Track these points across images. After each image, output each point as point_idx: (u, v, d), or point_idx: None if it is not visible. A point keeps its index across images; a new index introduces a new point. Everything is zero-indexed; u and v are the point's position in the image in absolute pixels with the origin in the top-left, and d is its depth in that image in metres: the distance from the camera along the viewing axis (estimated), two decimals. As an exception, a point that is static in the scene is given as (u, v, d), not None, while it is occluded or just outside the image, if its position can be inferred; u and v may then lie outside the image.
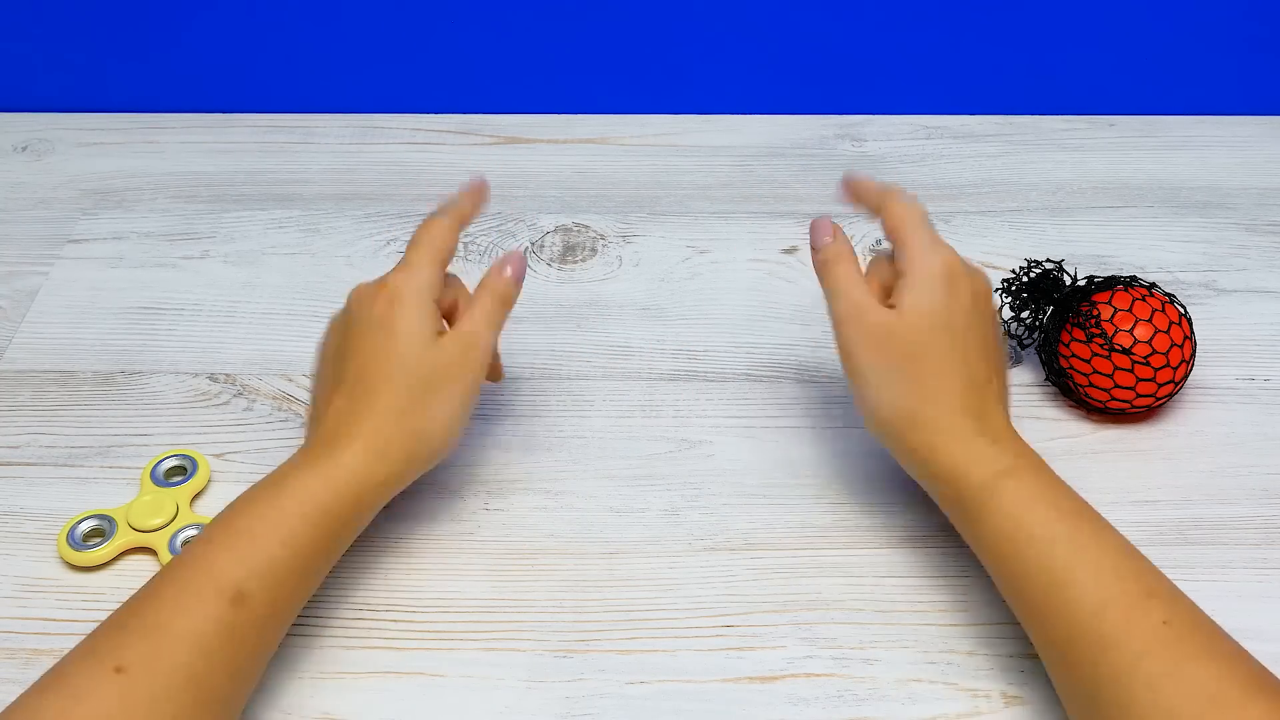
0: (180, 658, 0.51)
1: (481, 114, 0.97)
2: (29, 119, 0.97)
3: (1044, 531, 0.55)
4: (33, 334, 0.78)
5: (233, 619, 0.53)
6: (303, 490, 0.57)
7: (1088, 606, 0.53)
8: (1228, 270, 0.82)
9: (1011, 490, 0.57)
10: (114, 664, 0.50)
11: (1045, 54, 0.94)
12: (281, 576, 0.55)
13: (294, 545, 0.56)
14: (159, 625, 0.52)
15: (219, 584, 0.53)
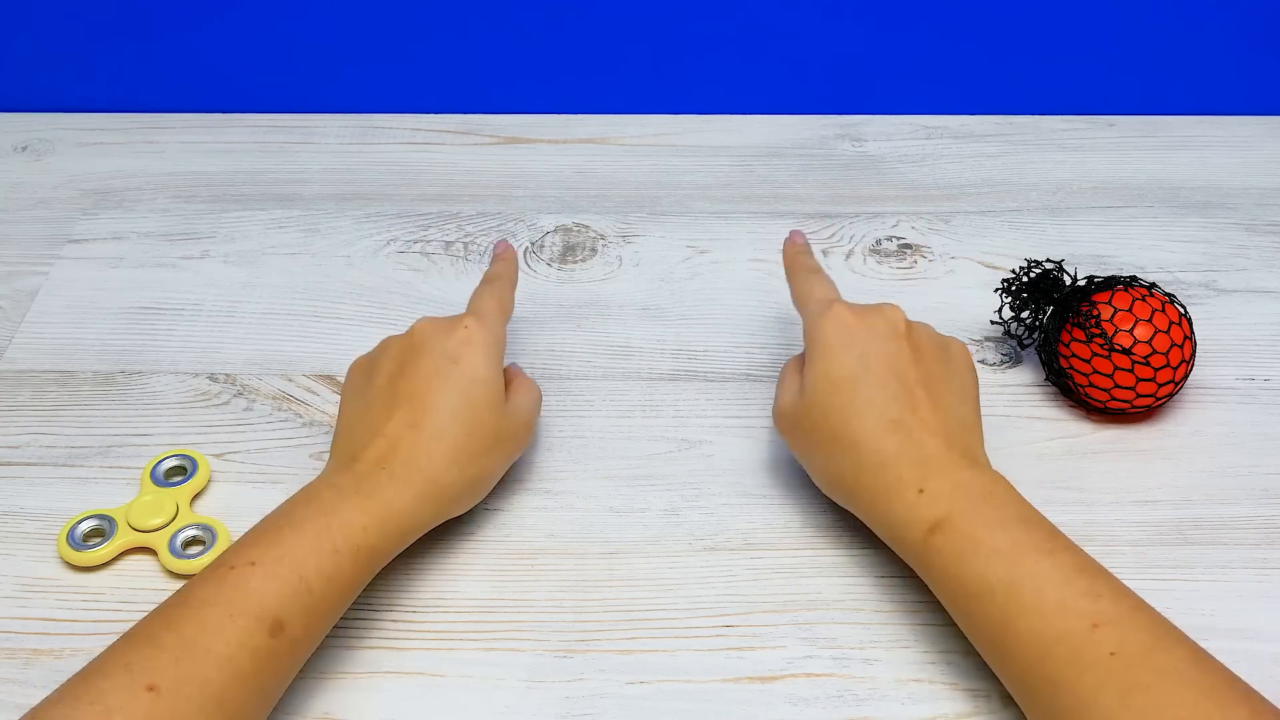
0: (213, 680, 0.51)
1: (481, 114, 0.97)
2: (29, 119, 0.97)
3: (978, 586, 0.55)
4: (33, 334, 0.78)
5: (269, 647, 0.53)
6: (354, 529, 0.57)
7: (1034, 651, 0.52)
8: (1228, 270, 0.82)
9: (940, 548, 0.56)
10: (147, 682, 0.49)
11: (1045, 54, 0.94)
12: (319, 609, 0.55)
13: (336, 580, 0.56)
14: (195, 646, 0.51)
15: (259, 612, 0.53)
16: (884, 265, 0.83)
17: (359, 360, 0.67)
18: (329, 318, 0.80)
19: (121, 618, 0.62)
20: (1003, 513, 0.57)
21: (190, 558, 0.64)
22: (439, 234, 0.86)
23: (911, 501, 0.58)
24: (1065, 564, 0.54)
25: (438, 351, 0.63)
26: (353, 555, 0.57)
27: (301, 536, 0.56)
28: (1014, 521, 0.57)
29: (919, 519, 0.57)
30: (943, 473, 0.58)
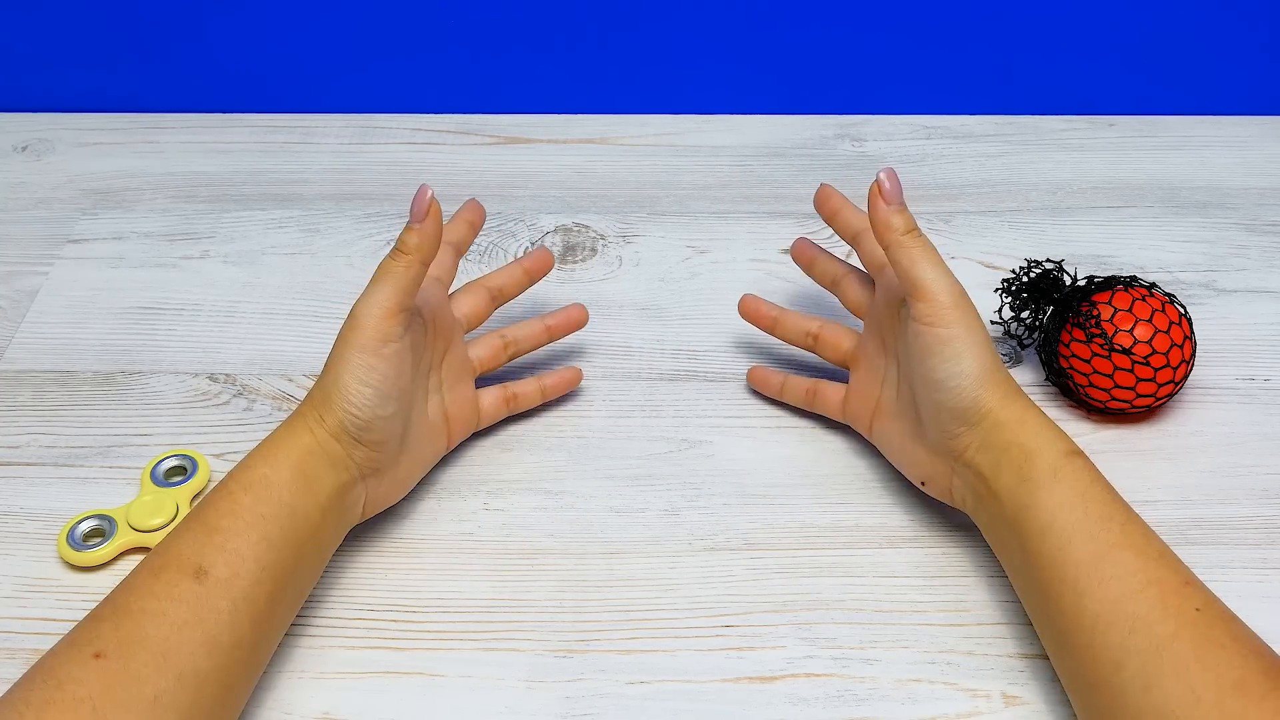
0: (153, 635, 0.52)
1: (481, 114, 0.97)
2: (29, 119, 0.97)
3: (1102, 509, 0.56)
4: (33, 334, 0.78)
5: (198, 592, 0.54)
6: (240, 468, 0.59)
7: (1130, 582, 0.53)
8: (1228, 270, 0.82)
9: (1080, 467, 0.58)
10: (93, 650, 0.51)
11: (1045, 54, 0.94)
12: (235, 545, 0.56)
13: (239, 515, 0.57)
14: (129, 608, 0.53)
15: (179, 561, 0.55)
16: (884, 265, 0.83)
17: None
18: (329, 318, 0.79)
19: (121, 618, 0.62)
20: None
21: (190, 558, 0.64)
22: (439, 234, 0.86)
23: (1058, 429, 0.60)
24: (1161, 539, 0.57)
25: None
26: (245, 488, 0.58)
27: (206, 496, 0.59)
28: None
29: (1066, 440, 0.59)
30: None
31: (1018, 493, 0.58)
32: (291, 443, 0.60)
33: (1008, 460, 0.59)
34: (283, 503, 0.58)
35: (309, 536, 0.59)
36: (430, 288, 0.67)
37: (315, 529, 0.59)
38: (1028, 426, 0.60)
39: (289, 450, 0.60)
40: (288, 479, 0.59)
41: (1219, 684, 0.49)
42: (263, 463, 0.59)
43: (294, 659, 0.60)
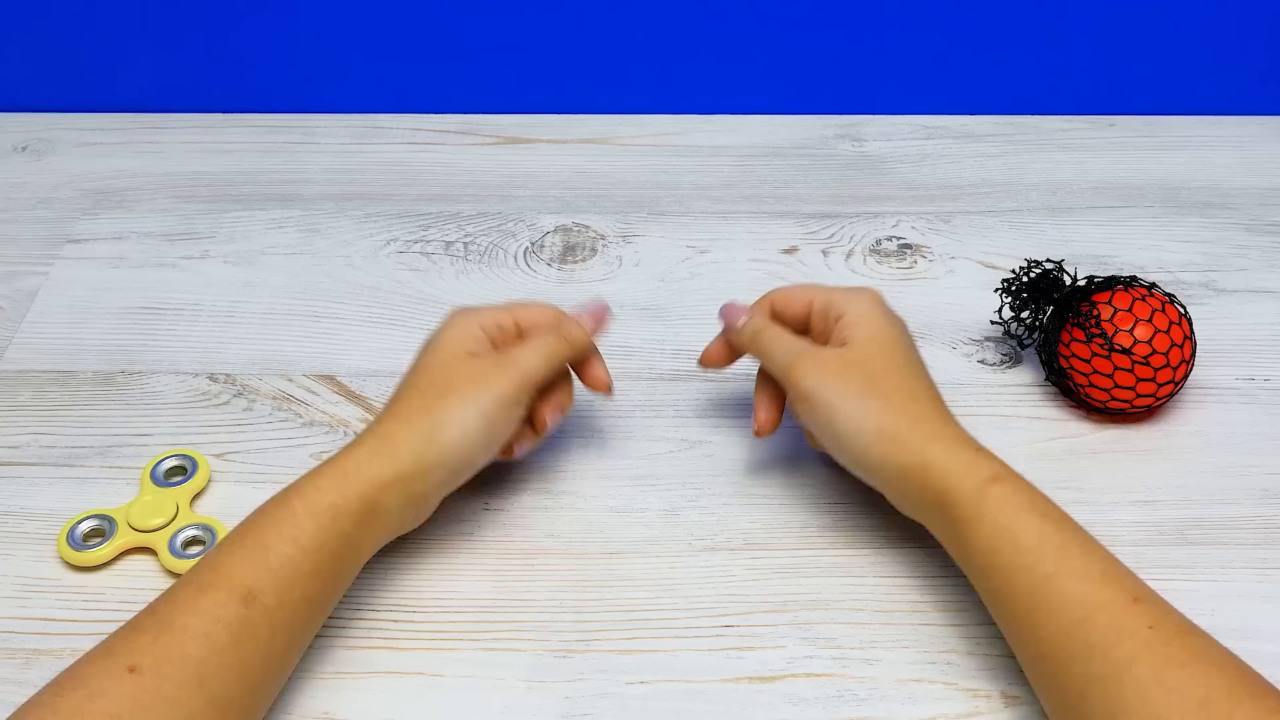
0: (191, 656, 0.51)
1: (481, 114, 0.97)
2: (29, 119, 0.97)
3: (1032, 539, 0.55)
4: (33, 334, 0.78)
5: (243, 617, 0.53)
6: (310, 489, 0.58)
7: (1076, 612, 0.52)
8: (1228, 270, 0.82)
9: (1000, 497, 0.57)
10: (128, 663, 0.50)
11: (1045, 54, 0.94)
12: (289, 574, 0.55)
13: (301, 543, 0.56)
14: (171, 624, 0.52)
15: (230, 583, 0.54)
16: (884, 265, 0.83)
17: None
18: (329, 318, 0.80)
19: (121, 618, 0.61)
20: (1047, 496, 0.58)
21: (190, 558, 0.64)
22: (439, 234, 0.86)
23: (972, 453, 0.59)
24: (1106, 551, 0.56)
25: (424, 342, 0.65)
26: (313, 515, 0.57)
27: (265, 509, 0.57)
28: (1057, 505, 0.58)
29: (980, 467, 0.58)
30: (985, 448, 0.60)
31: (951, 537, 0.59)
32: (369, 472, 0.59)
33: (929, 508, 0.59)
34: (344, 535, 0.57)
35: (356, 566, 0.60)
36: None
37: (364, 559, 0.60)
38: (934, 468, 0.58)
39: (363, 480, 0.58)
40: (356, 511, 0.58)
41: (1183, 705, 0.48)
42: (334, 488, 0.58)
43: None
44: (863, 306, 0.64)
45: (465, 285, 0.82)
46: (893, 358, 0.62)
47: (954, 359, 0.76)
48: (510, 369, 0.62)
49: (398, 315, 0.79)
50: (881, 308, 0.64)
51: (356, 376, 0.75)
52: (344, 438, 0.71)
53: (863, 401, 0.60)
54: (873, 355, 0.62)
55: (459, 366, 0.62)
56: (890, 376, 0.61)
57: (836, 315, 0.64)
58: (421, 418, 0.60)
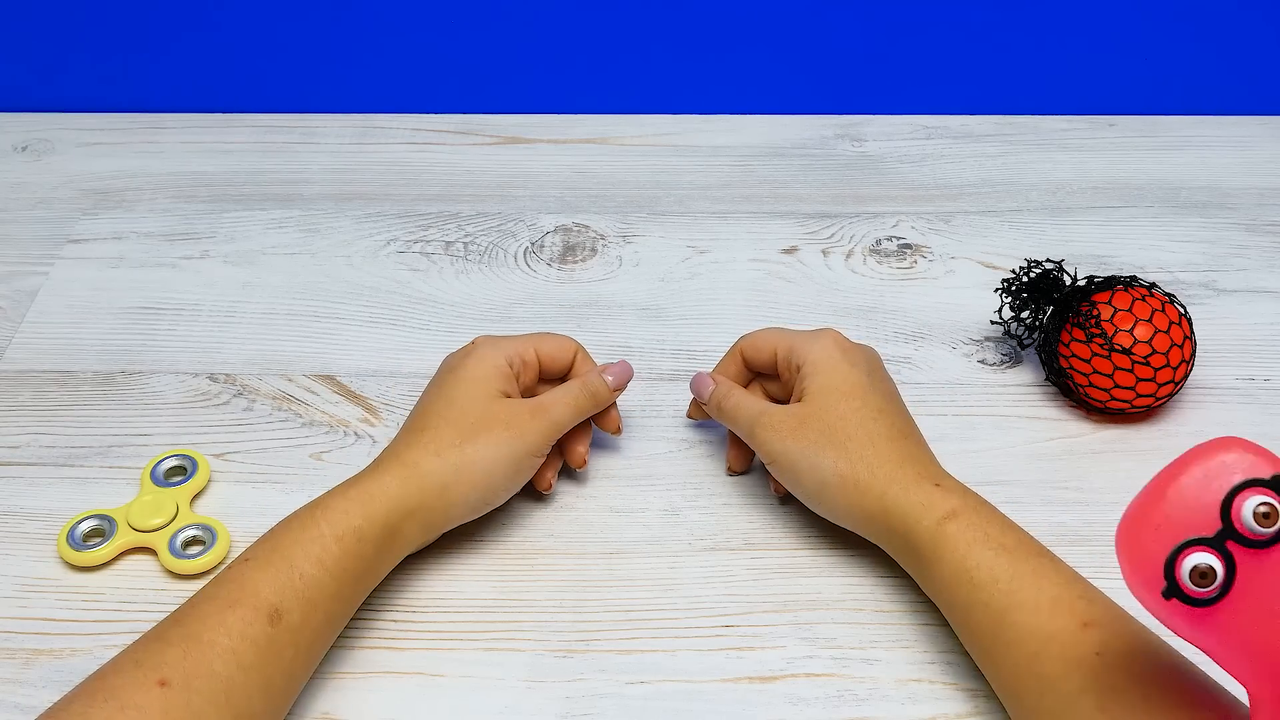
0: (219, 673, 0.52)
1: (481, 114, 0.97)
2: (29, 119, 0.97)
3: (984, 574, 0.56)
4: (33, 334, 0.78)
5: (269, 636, 0.54)
6: (337, 512, 0.58)
7: (1029, 646, 0.53)
8: (1228, 270, 0.82)
9: (953, 534, 0.57)
10: (158, 677, 0.51)
11: (1045, 54, 0.94)
12: (314, 596, 0.56)
13: (327, 565, 0.57)
14: (199, 639, 0.53)
15: (256, 600, 0.54)
16: (884, 265, 0.83)
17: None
18: (329, 318, 0.80)
19: (121, 618, 0.62)
20: (1005, 519, 0.59)
21: (190, 558, 0.64)
22: (439, 234, 0.86)
23: (929, 491, 0.59)
24: (1063, 569, 0.56)
25: (443, 368, 0.66)
26: (338, 539, 0.57)
27: (289, 528, 0.58)
28: (1015, 527, 0.58)
29: (935, 506, 0.58)
30: (949, 479, 0.61)
31: (919, 575, 0.60)
32: (395, 499, 0.60)
33: (896, 550, 0.61)
34: (365, 559, 0.59)
35: (372, 586, 0.60)
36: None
37: (379, 579, 0.61)
38: (893, 512, 0.59)
39: (388, 508, 0.59)
40: (378, 537, 0.59)
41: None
42: (360, 512, 0.58)
43: (294, 659, 0.60)
44: (818, 354, 0.65)
45: (465, 285, 0.82)
46: (849, 404, 0.63)
47: (954, 359, 0.76)
48: (543, 420, 0.64)
49: (398, 315, 0.79)
50: (838, 351, 0.65)
51: (356, 376, 0.75)
52: (344, 438, 0.71)
53: (821, 455, 0.62)
54: (828, 405, 0.63)
55: (494, 407, 0.63)
56: (845, 425, 0.62)
57: (797, 364, 0.65)
58: (453, 453, 0.61)
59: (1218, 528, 0.41)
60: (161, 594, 0.63)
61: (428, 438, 0.62)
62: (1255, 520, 0.41)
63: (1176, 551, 0.42)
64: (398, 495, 0.60)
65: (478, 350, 0.66)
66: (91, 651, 0.60)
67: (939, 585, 0.58)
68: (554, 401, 0.65)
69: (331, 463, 0.70)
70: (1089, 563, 0.57)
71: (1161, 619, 0.43)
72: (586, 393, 0.66)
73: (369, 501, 0.59)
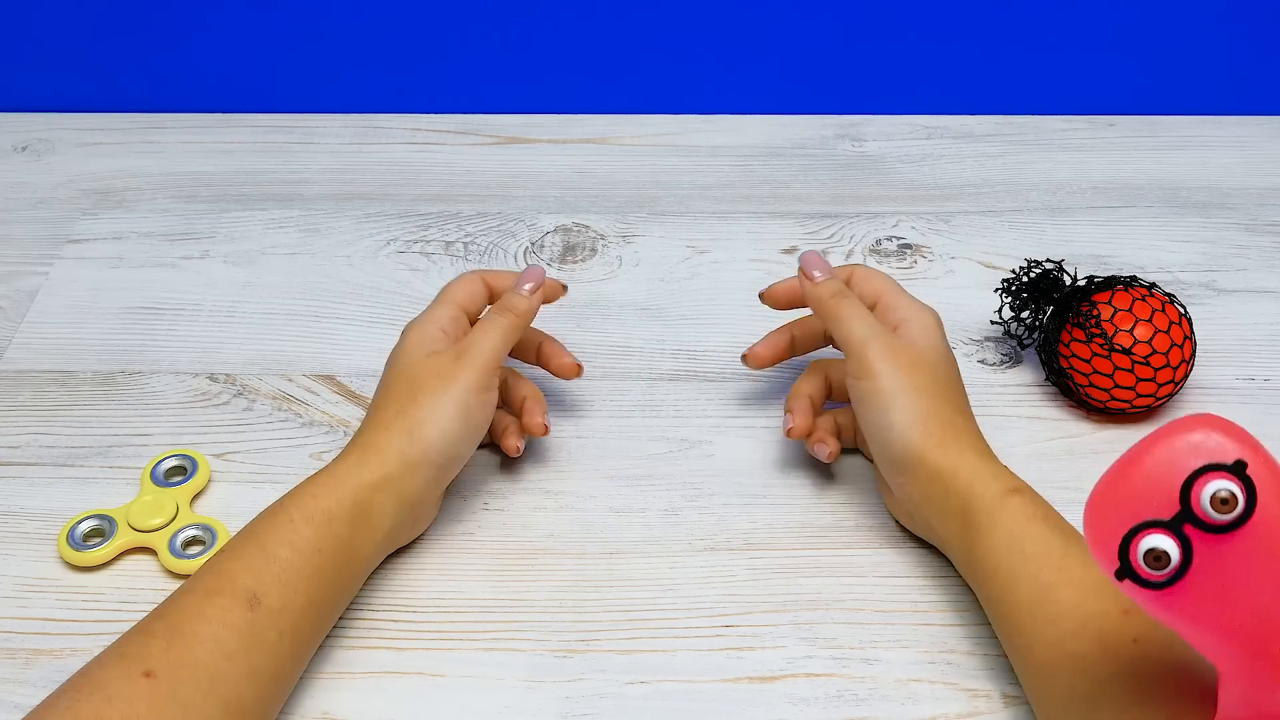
0: (204, 661, 0.52)
1: (481, 114, 0.97)
2: (29, 119, 0.97)
3: (1039, 547, 0.56)
4: (33, 334, 0.78)
5: (249, 620, 0.54)
6: (304, 495, 0.59)
7: (1069, 623, 0.53)
8: (1228, 270, 0.82)
9: (1016, 506, 0.58)
10: (143, 668, 0.51)
11: (1045, 54, 0.94)
12: (290, 578, 0.56)
13: (299, 547, 0.57)
14: (181, 630, 0.53)
15: (233, 587, 0.55)
16: (884, 265, 0.83)
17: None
18: (329, 318, 0.80)
19: (121, 618, 0.62)
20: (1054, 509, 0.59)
21: (190, 558, 0.64)
22: (439, 234, 0.86)
23: (999, 466, 0.61)
24: None
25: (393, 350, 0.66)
26: (308, 520, 0.58)
27: (262, 516, 0.59)
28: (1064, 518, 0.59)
29: (1003, 478, 0.60)
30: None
31: (964, 541, 0.59)
32: (359, 476, 0.60)
33: (948, 509, 0.60)
34: (340, 539, 0.59)
35: (359, 572, 0.60)
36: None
37: (366, 564, 0.61)
38: (962, 473, 0.60)
39: (355, 484, 0.60)
40: (349, 515, 0.59)
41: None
42: (327, 494, 0.59)
43: (294, 659, 0.60)
44: (928, 320, 0.65)
45: (465, 285, 0.82)
46: (948, 372, 0.64)
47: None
48: (471, 356, 0.63)
49: (398, 315, 0.79)
50: (942, 328, 0.66)
51: (356, 376, 0.75)
52: (344, 438, 0.71)
53: (919, 399, 0.62)
54: (936, 363, 0.64)
55: (423, 366, 0.63)
56: (945, 388, 0.63)
57: (899, 318, 0.65)
58: (399, 420, 0.62)
59: (1176, 510, 0.41)
60: (161, 594, 0.63)
61: (375, 416, 0.63)
62: (1213, 506, 0.40)
63: (1133, 533, 0.41)
64: (360, 472, 0.60)
65: (404, 331, 0.66)
66: (91, 651, 0.60)
67: (986, 552, 0.58)
68: (476, 335, 0.65)
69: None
70: (1089, 563, 0.57)
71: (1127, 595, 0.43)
72: (504, 312, 0.66)
73: (335, 482, 0.60)
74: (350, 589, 0.60)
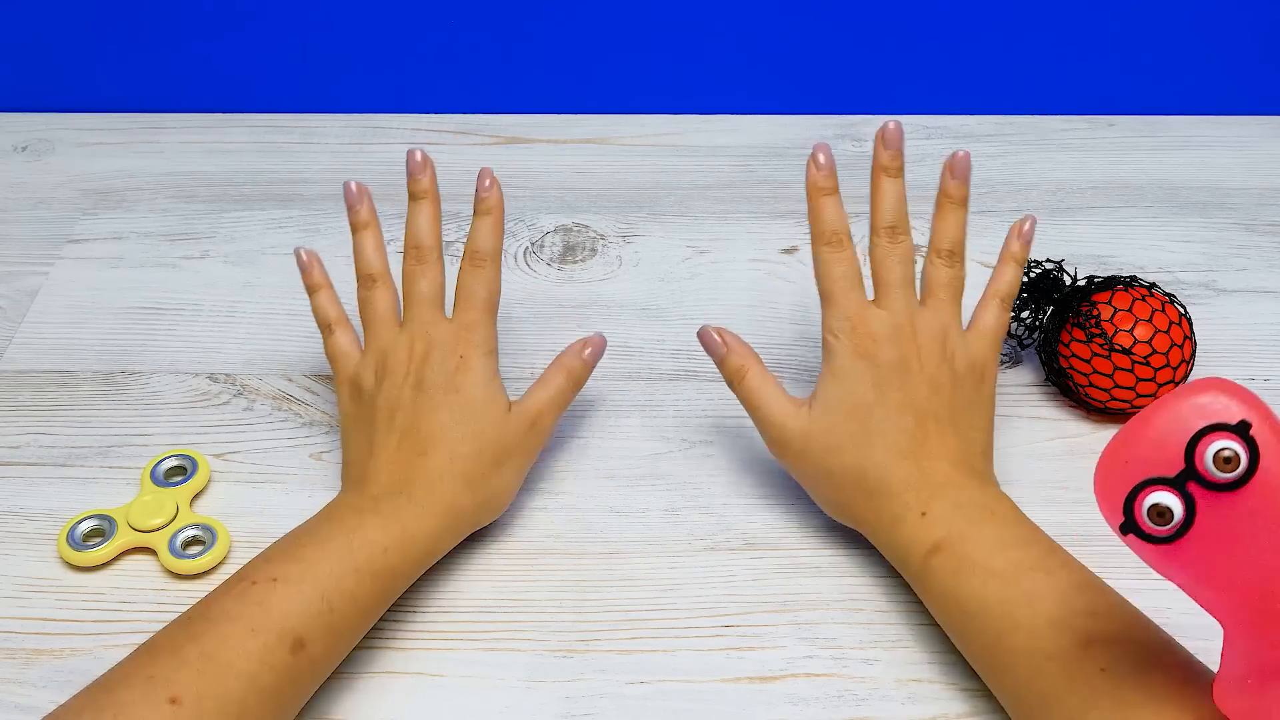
0: (234, 696, 0.51)
1: (481, 114, 0.97)
2: (29, 119, 0.97)
3: (974, 605, 0.56)
4: (33, 334, 0.78)
5: (289, 664, 0.53)
6: (376, 549, 0.58)
7: (1027, 668, 0.53)
8: (1228, 270, 0.82)
9: (937, 568, 0.57)
10: (169, 694, 0.50)
11: (1045, 54, 0.94)
12: (340, 628, 0.56)
13: (356, 598, 0.57)
14: (216, 660, 0.52)
15: (281, 629, 0.54)
16: (884, 265, 0.83)
17: (344, 376, 0.67)
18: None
19: (121, 618, 0.62)
20: (1002, 533, 0.58)
21: (190, 558, 0.64)
22: (439, 234, 0.86)
23: (914, 524, 0.59)
24: (1063, 582, 0.55)
25: (437, 385, 0.64)
26: (374, 576, 0.57)
27: (324, 554, 0.57)
28: (1013, 542, 0.57)
29: (920, 540, 0.58)
30: (947, 495, 0.59)
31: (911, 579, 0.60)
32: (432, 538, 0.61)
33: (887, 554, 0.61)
34: (397, 590, 0.60)
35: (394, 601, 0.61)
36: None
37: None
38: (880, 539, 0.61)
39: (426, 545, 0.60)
40: (415, 566, 0.60)
41: None
42: (397, 550, 0.59)
43: (294, 659, 0.60)
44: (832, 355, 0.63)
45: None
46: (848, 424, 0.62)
47: (954, 359, 0.76)
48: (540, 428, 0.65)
49: (398, 315, 0.79)
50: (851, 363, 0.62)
51: (356, 376, 0.75)
52: (344, 438, 0.71)
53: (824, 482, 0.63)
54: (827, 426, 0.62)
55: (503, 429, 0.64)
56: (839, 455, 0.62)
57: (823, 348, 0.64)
58: (481, 486, 0.63)
59: (1180, 469, 0.42)
60: (161, 594, 0.63)
61: (457, 469, 0.62)
62: (1216, 464, 0.41)
63: (1137, 489, 0.42)
64: (436, 535, 0.61)
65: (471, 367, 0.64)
66: (91, 651, 0.60)
67: (934, 612, 0.59)
68: (544, 409, 0.65)
69: (331, 462, 0.70)
70: (1089, 563, 0.57)
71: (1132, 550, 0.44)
72: (569, 381, 0.67)
73: (408, 543, 0.59)
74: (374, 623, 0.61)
